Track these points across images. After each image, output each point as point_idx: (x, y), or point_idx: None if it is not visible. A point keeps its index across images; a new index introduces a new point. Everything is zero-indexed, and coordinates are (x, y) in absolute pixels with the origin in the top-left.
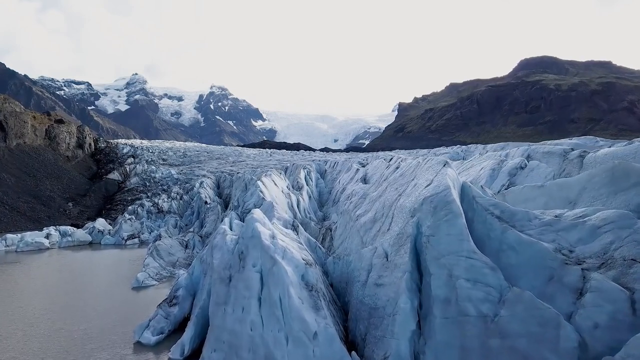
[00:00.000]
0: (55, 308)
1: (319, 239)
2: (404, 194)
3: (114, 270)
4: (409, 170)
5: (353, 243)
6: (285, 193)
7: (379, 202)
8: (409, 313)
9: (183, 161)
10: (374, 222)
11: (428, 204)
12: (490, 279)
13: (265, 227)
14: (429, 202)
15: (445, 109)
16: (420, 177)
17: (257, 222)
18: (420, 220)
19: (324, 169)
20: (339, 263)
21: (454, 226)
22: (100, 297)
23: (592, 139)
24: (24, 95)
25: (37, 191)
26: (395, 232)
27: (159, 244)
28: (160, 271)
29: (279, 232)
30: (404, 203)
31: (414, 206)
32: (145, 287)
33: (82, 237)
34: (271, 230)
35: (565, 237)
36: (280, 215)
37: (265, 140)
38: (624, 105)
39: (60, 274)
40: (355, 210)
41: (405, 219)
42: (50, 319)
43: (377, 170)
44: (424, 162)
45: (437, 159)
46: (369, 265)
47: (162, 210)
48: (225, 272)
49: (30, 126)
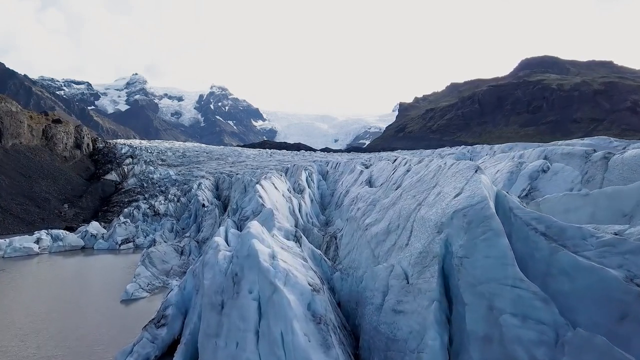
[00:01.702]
0: (31, 327)
1: (322, 247)
2: (425, 204)
3: (103, 279)
4: (428, 175)
5: (362, 255)
6: (286, 197)
7: (393, 210)
8: (439, 352)
9: (182, 162)
10: (388, 234)
11: (460, 219)
12: (543, 314)
13: (264, 243)
14: (462, 216)
15: (446, 108)
16: (445, 184)
17: (254, 239)
18: (450, 238)
19: (325, 170)
20: (347, 280)
21: (495, 247)
22: (84, 313)
23: (605, 139)
24: (24, 95)
25: (31, 192)
26: (416, 250)
27: (152, 251)
28: (152, 281)
29: (279, 248)
30: (426, 215)
31: (441, 220)
32: (136, 300)
33: (74, 242)
34: (270, 247)
35: (637, 263)
36: (281, 224)
37: (266, 140)
38: (627, 105)
39: (44, 285)
40: (363, 218)
41: (430, 235)
42: (24, 342)
43: (382, 173)
44: (448, 166)
45: (467, 163)
46: (385, 286)
47: (158, 213)
48: (216, 297)
49: (27, 126)
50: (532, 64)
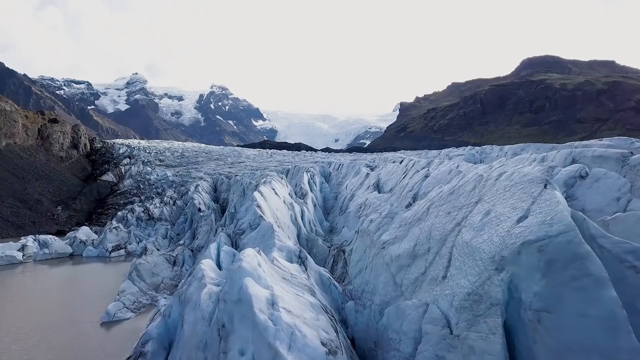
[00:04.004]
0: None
1: (328, 261)
2: (468, 225)
3: (87, 293)
4: (466, 187)
5: (379, 279)
6: (288, 203)
7: (419, 228)
8: None
9: (180, 162)
10: (414, 258)
11: (533, 255)
12: None
13: (261, 282)
14: (536, 252)
15: (448, 108)
16: (495, 200)
17: (247, 278)
18: (517, 280)
19: (328, 172)
20: (363, 312)
21: (597, 302)
22: (54, 339)
23: (626, 140)
24: (23, 95)
25: (24, 194)
26: (462, 288)
27: (140, 263)
28: (139, 298)
29: (281, 285)
30: (473, 242)
31: (501, 252)
32: (118, 322)
33: (61, 249)
34: (269, 288)
35: None
36: (282, 243)
37: (266, 140)
38: (631, 105)
39: (18, 300)
40: (378, 233)
41: (482, 271)
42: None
43: (391, 176)
44: (494, 176)
45: (526, 174)
46: (416, 331)
47: (153, 217)
48: (197, 354)
49: (22, 125)
50: (533, 63)
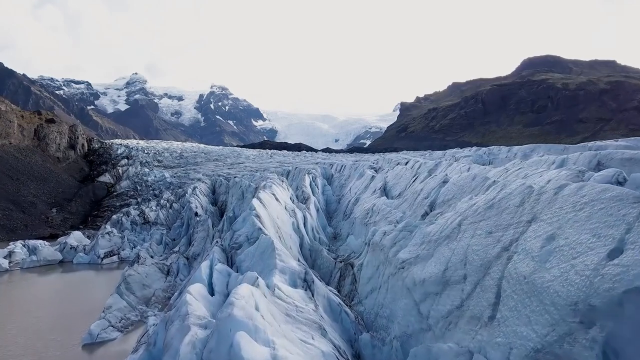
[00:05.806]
0: None
1: (334, 275)
2: (522, 252)
3: (72, 306)
4: (511, 201)
5: (398, 305)
6: (290, 210)
7: (450, 249)
8: None
9: (179, 163)
10: (444, 286)
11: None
12: None
13: (258, 335)
14: None
15: (449, 108)
16: (561, 221)
17: (239, 333)
18: (618, 342)
19: (330, 174)
20: (382, 349)
21: None
22: None
23: None
24: (23, 95)
25: (17, 196)
26: (526, 341)
27: (130, 274)
28: (127, 314)
29: (284, 335)
30: (534, 276)
31: (588, 299)
32: (102, 344)
33: (50, 256)
34: (270, 344)
35: None
36: (284, 264)
37: (266, 140)
38: (634, 105)
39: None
40: (395, 249)
41: (558, 321)
42: None
43: (400, 180)
44: (553, 188)
45: (608, 189)
46: None
47: (148, 220)
48: None
49: (17, 125)
50: (534, 63)
